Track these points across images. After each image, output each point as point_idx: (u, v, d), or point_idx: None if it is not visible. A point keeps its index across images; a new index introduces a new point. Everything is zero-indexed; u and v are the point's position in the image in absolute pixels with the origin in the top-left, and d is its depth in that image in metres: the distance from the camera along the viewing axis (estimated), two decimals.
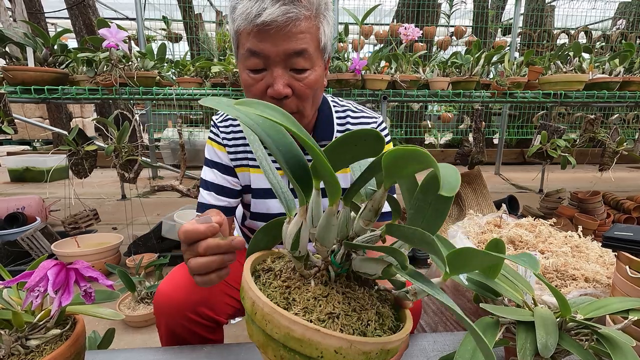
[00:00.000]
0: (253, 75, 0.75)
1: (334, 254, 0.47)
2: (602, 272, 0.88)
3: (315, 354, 0.38)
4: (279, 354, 0.41)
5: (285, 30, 0.70)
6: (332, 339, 0.38)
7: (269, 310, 0.40)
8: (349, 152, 0.39)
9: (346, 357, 0.39)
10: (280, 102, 0.76)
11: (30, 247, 2.05)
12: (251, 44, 0.72)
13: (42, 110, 6.96)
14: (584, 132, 2.25)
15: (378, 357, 0.41)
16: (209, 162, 0.94)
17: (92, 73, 1.96)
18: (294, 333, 0.39)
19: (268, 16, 0.67)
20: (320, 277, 0.47)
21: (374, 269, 0.45)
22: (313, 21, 0.73)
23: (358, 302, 0.45)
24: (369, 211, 0.44)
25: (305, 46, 0.73)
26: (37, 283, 0.49)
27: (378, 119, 0.97)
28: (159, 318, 0.81)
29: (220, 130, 0.93)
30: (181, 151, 1.91)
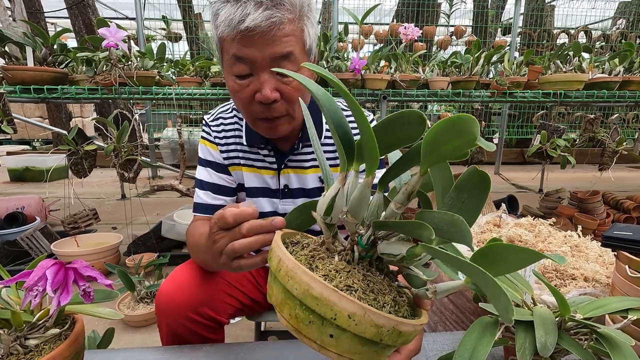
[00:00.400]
0: (240, 82, 0.75)
1: (361, 236, 0.48)
2: (601, 272, 0.89)
3: (329, 315, 0.39)
4: (294, 313, 0.42)
5: (270, 35, 0.69)
6: (348, 303, 0.39)
7: (293, 266, 0.42)
8: (394, 135, 0.41)
9: (358, 325, 0.39)
10: (269, 106, 0.75)
11: (29, 247, 2.05)
12: (236, 50, 0.71)
13: (41, 109, 6.96)
14: (583, 131, 2.25)
15: (389, 335, 0.41)
16: (202, 162, 0.94)
17: (91, 73, 1.96)
18: (312, 291, 0.40)
19: (252, 22, 0.67)
20: (344, 255, 0.48)
21: (398, 249, 0.45)
22: (297, 24, 0.73)
23: (377, 286, 0.46)
24: (402, 194, 0.45)
25: (290, 49, 0.72)
26: (35, 282, 0.49)
27: (369, 116, 0.96)
28: (161, 318, 0.81)
29: (212, 129, 0.94)
30: (181, 151, 1.91)
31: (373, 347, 0.42)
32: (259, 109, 0.76)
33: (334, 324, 0.40)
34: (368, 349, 0.42)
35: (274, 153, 0.91)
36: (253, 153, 0.92)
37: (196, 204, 0.92)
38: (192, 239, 0.81)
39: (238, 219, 0.55)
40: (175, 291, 0.79)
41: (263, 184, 0.93)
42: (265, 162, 0.92)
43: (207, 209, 0.90)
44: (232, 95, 0.79)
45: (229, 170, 0.94)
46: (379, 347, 0.42)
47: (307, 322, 0.41)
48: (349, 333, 0.40)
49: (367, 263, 0.49)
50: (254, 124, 0.82)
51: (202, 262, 0.81)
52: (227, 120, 0.94)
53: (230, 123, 0.94)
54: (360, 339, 0.41)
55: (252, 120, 0.81)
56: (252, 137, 0.90)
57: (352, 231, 0.48)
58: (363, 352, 0.42)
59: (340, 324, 0.39)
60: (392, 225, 0.45)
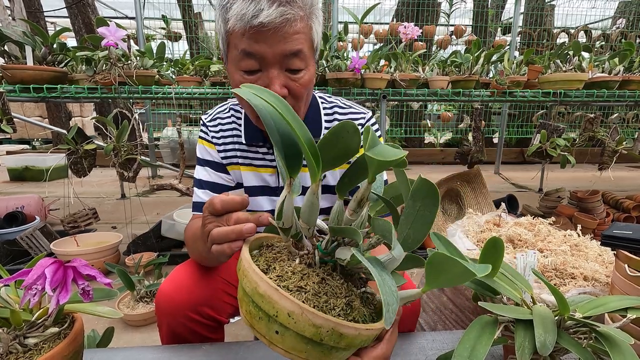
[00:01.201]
0: (247, 77, 0.75)
1: (321, 241, 0.50)
2: (601, 271, 0.89)
3: (272, 312, 0.42)
4: (248, 309, 0.46)
5: (282, 32, 0.69)
6: (287, 301, 0.41)
7: (247, 266, 0.45)
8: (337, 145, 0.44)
9: (297, 323, 0.41)
10: None
11: (29, 246, 2.05)
12: (246, 45, 0.71)
13: (41, 109, 6.95)
14: (583, 131, 2.25)
15: (329, 336, 0.42)
16: (201, 161, 0.94)
17: (91, 72, 1.96)
18: (259, 288, 0.43)
19: (266, 18, 0.67)
20: (306, 259, 0.50)
21: (345, 254, 0.48)
22: (307, 21, 0.73)
23: (332, 290, 0.47)
24: (354, 202, 0.48)
25: (300, 47, 0.73)
26: (34, 281, 0.49)
27: (367, 114, 0.96)
28: (161, 318, 0.81)
29: (210, 129, 0.94)
30: (180, 150, 1.91)
31: (317, 347, 0.43)
32: None
33: (277, 321, 0.42)
34: (312, 348, 0.43)
35: (272, 151, 0.91)
36: (252, 152, 0.92)
37: (195, 203, 0.93)
38: (189, 233, 0.82)
39: (226, 206, 0.56)
40: (175, 291, 0.79)
41: (262, 183, 0.93)
42: (265, 160, 0.92)
43: None
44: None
45: (227, 169, 0.94)
46: (324, 348, 0.43)
47: (258, 317, 0.44)
48: (291, 331, 0.42)
49: (330, 268, 0.50)
50: (257, 120, 0.81)
51: (198, 256, 0.81)
52: (225, 120, 0.94)
53: (227, 123, 0.94)
54: (302, 338, 0.42)
55: (256, 116, 0.80)
56: (251, 135, 0.90)
57: (309, 236, 0.50)
58: (308, 350, 0.43)
59: (282, 322, 0.42)
60: (336, 230, 0.48)
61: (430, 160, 5.86)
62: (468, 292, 1.05)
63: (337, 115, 0.94)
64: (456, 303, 1.11)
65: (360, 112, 0.95)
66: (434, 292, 1.21)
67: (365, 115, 0.95)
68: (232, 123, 0.94)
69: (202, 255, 0.77)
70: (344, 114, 0.94)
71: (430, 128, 6.07)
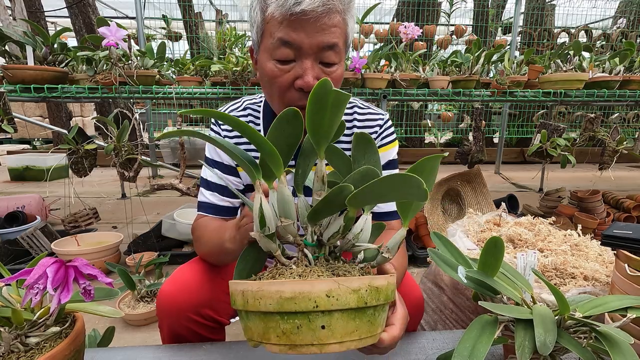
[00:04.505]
0: (281, 66, 0.74)
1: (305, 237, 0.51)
2: (601, 271, 0.89)
3: (310, 306, 0.40)
4: (280, 330, 0.41)
5: (321, 22, 0.69)
6: (321, 283, 0.40)
7: (257, 286, 0.42)
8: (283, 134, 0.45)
9: (339, 299, 0.40)
10: (307, 94, 0.75)
11: (30, 246, 2.05)
12: (283, 34, 0.70)
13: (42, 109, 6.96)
14: (584, 131, 2.25)
15: (369, 294, 0.42)
16: (210, 161, 0.93)
17: (91, 72, 1.96)
18: (284, 294, 0.40)
19: (309, 5, 0.67)
20: (300, 263, 0.49)
21: (337, 224, 0.49)
22: (344, 16, 0.73)
23: (341, 270, 0.48)
24: (317, 182, 0.49)
25: (336, 40, 0.73)
26: (36, 280, 0.49)
27: (385, 115, 0.96)
28: (162, 319, 0.81)
29: (222, 127, 0.92)
30: (181, 150, 1.91)
31: (364, 317, 0.43)
32: (296, 96, 0.76)
33: (319, 312, 0.40)
34: (360, 321, 0.42)
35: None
36: None
37: (202, 202, 0.91)
38: (203, 232, 0.82)
39: None
40: (176, 292, 0.79)
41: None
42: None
43: (214, 210, 0.89)
44: (268, 80, 0.77)
45: (237, 171, 0.92)
46: (369, 315, 0.43)
47: (296, 329, 0.40)
48: (336, 313, 0.40)
49: (324, 260, 0.51)
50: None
51: (210, 254, 0.82)
52: (240, 118, 0.92)
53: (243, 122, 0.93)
54: (349, 314, 0.41)
55: (284, 108, 0.80)
56: None
57: (294, 234, 0.50)
58: (358, 327, 0.42)
59: (324, 307, 0.40)
60: (321, 206, 0.46)
61: None
62: (468, 292, 1.05)
63: (356, 115, 0.94)
64: (456, 303, 1.11)
65: (378, 114, 0.96)
66: (434, 291, 1.21)
67: (383, 117, 0.96)
68: (250, 122, 0.92)
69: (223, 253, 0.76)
70: (362, 114, 0.95)
71: (430, 128, 6.07)
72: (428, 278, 1.27)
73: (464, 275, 0.61)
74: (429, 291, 1.24)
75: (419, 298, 0.83)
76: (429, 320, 1.21)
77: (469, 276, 0.61)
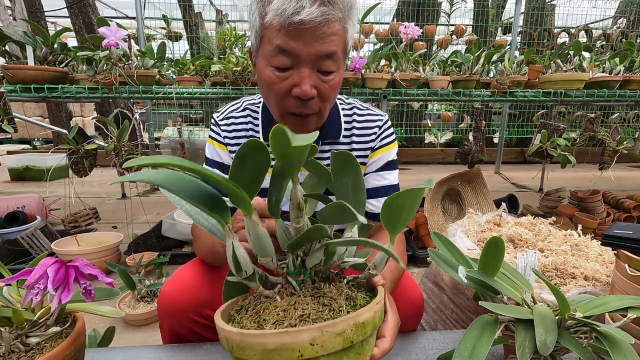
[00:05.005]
0: (278, 74, 0.74)
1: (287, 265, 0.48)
2: (601, 271, 0.89)
3: (295, 356, 0.39)
4: None
5: (320, 32, 0.69)
6: (302, 333, 0.39)
7: (239, 336, 0.41)
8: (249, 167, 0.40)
9: (324, 346, 0.39)
10: (305, 102, 0.75)
11: (30, 246, 2.05)
12: (282, 42, 0.70)
13: (42, 109, 6.96)
14: (584, 131, 2.25)
15: (355, 333, 0.41)
16: (210, 162, 0.93)
17: (92, 72, 1.96)
18: (267, 346, 0.39)
19: (307, 15, 0.66)
20: (285, 291, 0.48)
21: (318, 257, 0.47)
22: (343, 24, 0.73)
23: (327, 297, 0.46)
24: (293, 210, 0.46)
25: (335, 49, 0.72)
26: (37, 280, 0.49)
27: (383, 117, 0.96)
28: (162, 319, 0.81)
29: (222, 128, 0.92)
30: (181, 150, 1.91)
31: (352, 352, 0.42)
32: (293, 104, 0.76)
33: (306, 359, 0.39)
34: (348, 357, 0.42)
35: None
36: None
37: None
38: (200, 233, 0.82)
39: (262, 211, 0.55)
40: (177, 292, 0.79)
41: None
42: None
43: None
44: (265, 86, 0.77)
45: None
46: (357, 348, 0.43)
47: None
48: (322, 357, 0.40)
49: (311, 281, 0.49)
50: (282, 118, 0.80)
51: (205, 256, 0.82)
52: (239, 119, 0.92)
53: (242, 122, 0.92)
54: (336, 354, 0.40)
55: (281, 114, 0.79)
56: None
57: (274, 268, 0.48)
58: None
59: (310, 355, 0.39)
60: (299, 239, 0.45)
61: (431, 160, 5.86)
62: (468, 292, 1.05)
63: (355, 116, 0.94)
64: (457, 303, 1.11)
65: (378, 115, 0.96)
66: (435, 291, 1.21)
67: (382, 118, 0.96)
68: (248, 123, 0.92)
69: (216, 255, 0.77)
70: (361, 116, 0.95)
71: (430, 128, 6.07)
72: (428, 278, 1.27)
73: (464, 275, 0.61)
74: (429, 291, 1.24)
75: (419, 298, 0.83)
76: (429, 320, 1.21)
77: (469, 276, 0.61)
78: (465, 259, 0.67)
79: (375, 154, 0.94)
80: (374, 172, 0.94)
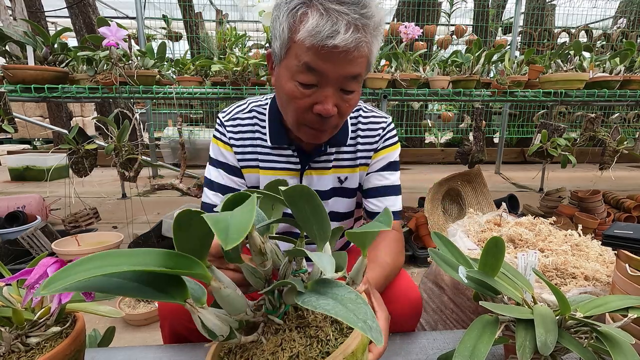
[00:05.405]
0: (302, 90, 0.73)
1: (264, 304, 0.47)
2: (601, 271, 0.88)
3: None
4: None
5: (350, 56, 0.69)
6: None
7: None
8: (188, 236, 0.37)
9: None
10: (325, 119, 0.75)
11: (30, 246, 2.05)
12: (310, 60, 0.69)
13: (42, 109, 6.96)
14: (584, 131, 2.25)
15: None
16: (214, 162, 0.92)
17: (92, 72, 1.96)
18: None
19: (342, 41, 0.65)
20: (269, 330, 0.47)
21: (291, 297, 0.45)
22: (371, 45, 0.72)
23: (313, 326, 0.46)
24: (254, 256, 0.45)
25: (361, 70, 0.73)
26: (37, 280, 0.49)
27: (388, 119, 0.97)
28: (163, 319, 0.81)
29: (228, 129, 0.91)
30: (181, 150, 1.91)
31: None
32: (312, 119, 0.76)
33: None
34: None
35: (297, 154, 0.90)
36: (276, 154, 0.91)
37: (205, 204, 0.91)
38: None
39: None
40: None
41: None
42: (290, 162, 0.91)
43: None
44: (286, 97, 0.76)
45: (243, 172, 0.92)
46: None
47: None
48: None
49: (293, 308, 0.48)
50: (298, 128, 0.80)
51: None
52: (245, 120, 0.92)
53: (248, 124, 0.92)
54: None
55: (297, 125, 0.79)
56: (277, 137, 0.89)
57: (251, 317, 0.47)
58: None
59: None
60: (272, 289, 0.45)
61: (431, 160, 5.86)
62: (469, 292, 1.05)
63: (360, 119, 0.95)
64: (457, 303, 1.11)
65: (382, 117, 0.97)
66: (435, 291, 1.21)
67: (386, 120, 0.97)
68: (255, 125, 0.91)
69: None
70: (366, 117, 0.96)
71: (430, 128, 6.07)
72: (428, 278, 1.27)
73: (464, 275, 0.61)
74: (430, 291, 1.24)
75: (418, 298, 0.83)
76: (430, 320, 1.21)
77: (469, 276, 0.61)
78: (465, 259, 0.67)
79: (378, 154, 0.95)
80: (376, 171, 0.95)
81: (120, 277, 0.36)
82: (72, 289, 0.33)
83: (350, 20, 0.66)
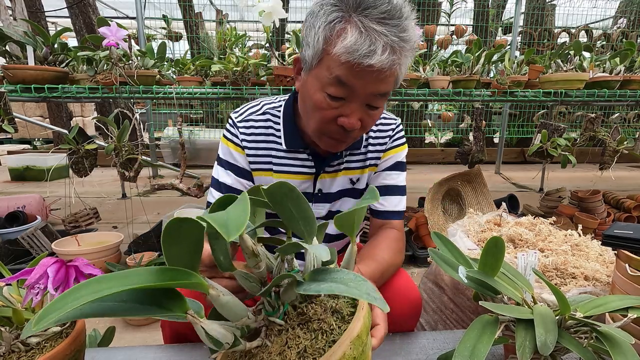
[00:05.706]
0: (330, 102, 0.72)
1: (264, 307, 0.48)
2: (601, 271, 0.89)
3: None
4: None
5: (382, 76, 0.69)
6: None
7: None
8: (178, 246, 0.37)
9: None
10: (347, 132, 0.76)
11: (30, 246, 2.05)
12: (343, 74, 0.69)
13: (42, 109, 6.96)
14: (584, 131, 2.25)
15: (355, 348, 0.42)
16: (223, 163, 0.91)
17: (92, 72, 1.96)
18: None
19: (378, 62, 0.65)
20: (272, 332, 0.47)
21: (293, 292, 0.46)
22: (403, 66, 0.72)
23: (315, 320, 0.46)
24: (248, 259, 0.45)
25: (389, 88, 0.73)
26: (37, 280, 0.49)
27: (397, 120, 0.99)
28: (164, 319, 0.81)
29: (240, 130, 0.90)
30: (181, 150, 1.91)
31: None
32: (335, 130, 0.76)
33: None
34: None
35: (312, 157, 0.90)
36: (291, 157, 0.90)
37: (210, 204, 0.91)
38: None
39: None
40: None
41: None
42: (304, 166, 0.90)
43: None
44: (312, 106, 0.75)
45: (254, 175, 0.92)
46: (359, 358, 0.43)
47: None
48: None
49: (292, 308, 0.48)
50: (319, 136, 0.80)
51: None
52: (259, 122, 0.91)
53: (262, 126, 0.91)
54: None
55: (319, 133, 0.79)
56: (293, 141, 0.89)
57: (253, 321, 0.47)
58: None
59: None
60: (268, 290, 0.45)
61: (431, 160, 5.86)
62: (469, 292, 1.05)
63: None
64: (457, 303, 1.11)
65: (392, 119, 0.98)
66: (435, 291, 1.21)
67: (396, 122, 0.98)
68: (269, 128, 0.90)
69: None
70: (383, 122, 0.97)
71: (430, 128, 6.07)
72: (428, 278, 1.27)
73: (464, 275, 0.61)
74: (430, 291, 1.24)
75: (417, 298, 0.84)
76: (430, 320, 1.21)
77: (469, 276, 0.61)
78: (465, 259, 0.67)
79: (387, 154, 0.96)
80: (383, 170, 0.97)
81: (116, 300, 0.36)
82: (64, 319, 0.32)
83: (388, 42, 0.66)
